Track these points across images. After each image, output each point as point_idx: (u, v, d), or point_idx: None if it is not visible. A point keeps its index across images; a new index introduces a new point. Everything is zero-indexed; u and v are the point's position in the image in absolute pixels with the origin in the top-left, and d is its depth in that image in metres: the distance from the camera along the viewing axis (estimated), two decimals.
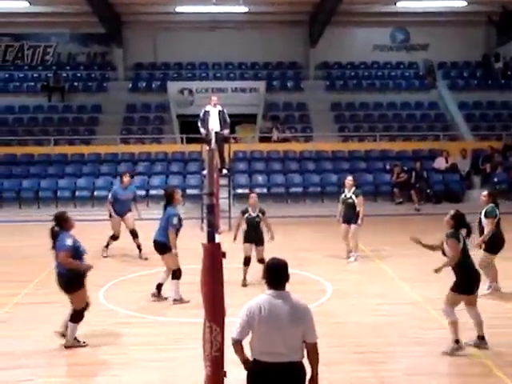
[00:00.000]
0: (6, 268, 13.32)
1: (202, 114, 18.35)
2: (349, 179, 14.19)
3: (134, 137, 26.07)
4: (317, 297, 10.75)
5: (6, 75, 29.26)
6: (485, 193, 11.40)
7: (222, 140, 18.12)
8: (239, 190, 22.06)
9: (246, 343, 5.23)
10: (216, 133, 17.40)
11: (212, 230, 5.96)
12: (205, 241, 5.83)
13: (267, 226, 11.91)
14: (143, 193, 21.23)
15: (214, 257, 5.84)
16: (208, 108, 18.34)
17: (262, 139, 26.40)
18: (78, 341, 8.56)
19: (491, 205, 11.00)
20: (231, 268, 11.29)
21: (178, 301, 10.59)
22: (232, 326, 5.28)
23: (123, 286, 11.99)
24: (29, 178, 23.02)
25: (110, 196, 15.00)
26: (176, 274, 10.66)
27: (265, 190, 22.66)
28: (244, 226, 11.94)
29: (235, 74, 29.22)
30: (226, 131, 18.48)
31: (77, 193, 22.26)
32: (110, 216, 14.77)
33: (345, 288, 11.62)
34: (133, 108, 27.84)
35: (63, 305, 8.82)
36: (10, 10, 26.41)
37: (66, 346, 8.49)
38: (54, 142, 24.80)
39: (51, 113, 27.50)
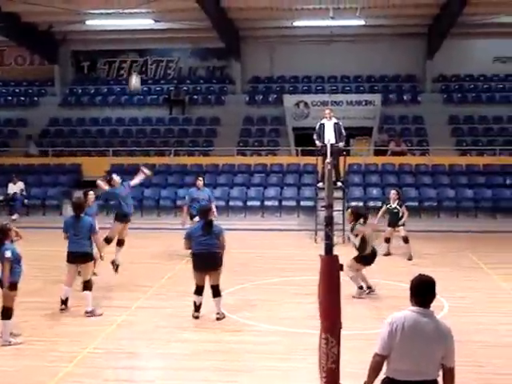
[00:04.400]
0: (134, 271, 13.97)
1: (317, 127, 18.56)
2: (393, 192, 16.29)
3: (250, 149, 26.57)
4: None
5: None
6: None
7: (337, 152, 18.20)
8: (353, 203, 22.01)
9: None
10: (331, 145, 17.50)
11: (329, 242, 6.08)
12: (322, 253, 5.97)
13: None
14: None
15: (331, 269, 5.98)
16: (323, 121, 18.52)
17: (377, 152, 26.25)
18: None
19: None
20: (346, 280, 11.52)
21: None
22: (348, 338, 5.28)
23: (240, 293, 12.22)
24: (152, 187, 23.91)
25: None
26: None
27: (379, 204, 22.51)
28: None
29: (351, 87, 29.20)
30: (342, 144, 18.57)
31: None
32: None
33: (463, 305, 11.37)
34: (249, 120, 28.42)
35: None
36: (135, 26, 27.67)
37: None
38: (174, 152, 25.71)
39: (172, 125, 28.54)
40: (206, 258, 10.12)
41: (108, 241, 13.45)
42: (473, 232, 20.05)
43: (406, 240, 15.95)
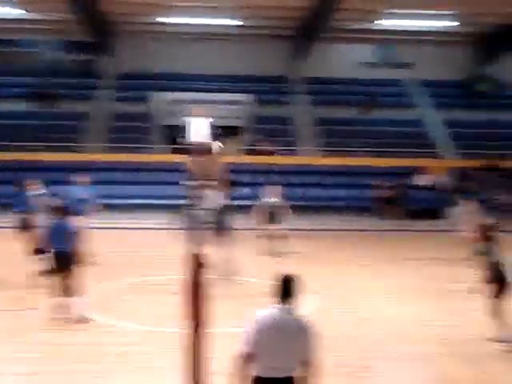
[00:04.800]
0: None
1: (187, 125, 18.40)
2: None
3: (119, 145, 26.05)
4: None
5: None
6: None
7: (208, 152, 18.16)
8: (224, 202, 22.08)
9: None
10: (202, 144, 17.47)
11: (195, 240, 6.05)
12: (187, 251, 5.92)
13: None
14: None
15: (196, 267, 5.95)
16: (193, 119, 18.40)
17: (248, 152, 26.54)
18: None
19: None
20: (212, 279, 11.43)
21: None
22: (215, 336, 5.23)
23: (104, 293, 11.96)
24: None
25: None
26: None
27: (248, 203, 22.81)
28: None
29: (223, 87, 29.34)
30: (214, 143, 18.52)
31: None
32: None
33: (326, 300, 11.69)
34: (119, 117, 27.86)
35: None
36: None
37: None
38: (38, 148, 24.78)
39: (36, 119, 27.37)
40: (60, 257, 9.88)
41: None
42: (342, 230, 20.76)
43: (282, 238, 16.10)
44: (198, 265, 5.92)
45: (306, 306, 10.74)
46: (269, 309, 5.07)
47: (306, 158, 25.75)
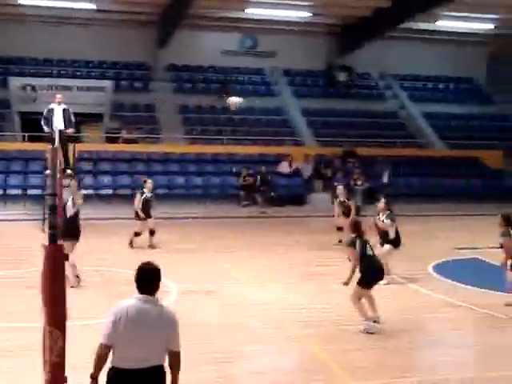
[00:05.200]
0: None
1: (45, 112, 17.68)
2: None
3: None
4: (163, 298, 10.74)
5: None
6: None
7: (66, 139, 17.60)
8: (83, 191, 21.50)
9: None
10: (60, 131, 16.90)
11: (54, 231, 5.79)
12: (46, 242, 5.65)
13: None
14: None
15: (55, 259, 5.69)
16: (52, 106, 17.72)
17: (109, 140, 25.94)
18: None
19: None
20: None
21: None
22: (76, 329, 5.09)
23: None
24: None
25: None
26: None
27: (110, 192, 22.37)
28: None
29: (81, 72, 28.45)
30: (71, 130, 17.95)
31: None
32: None
33: (191, 289, 11.64)
34: None
35: None
36: None
37: None
38: None
39: None
40: None
41: None
42: (203, 218, 20.80)
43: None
44: (55, 256, 5.66)
45: (168, 295, 10.79)
46: (128, 299, 5.00)
47: (169, 146, 25.53)
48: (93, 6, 26.24)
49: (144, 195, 15.86)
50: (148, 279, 5.01)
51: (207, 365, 7.94)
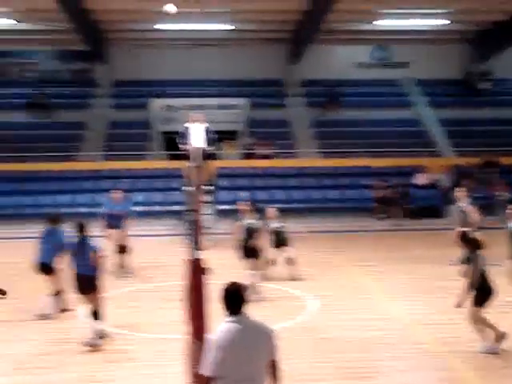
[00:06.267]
0: None
1: (181, 131, 18.34)
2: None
3: (117, 153, 25.94)
4: (300, 312, 10.84)
5: None
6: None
7: (206, 156, 18.13)
8: (223, 207, 22.13)
9: None
10: (200, 149, 17.44)
11: (195, 246, 6.03)
12: (187, 257, 5.89)
13: None
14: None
15: (197, 273, 5.92)
16: (189, 125, 18.33)
17: (245, 156, 26.58)
18: None
19: None
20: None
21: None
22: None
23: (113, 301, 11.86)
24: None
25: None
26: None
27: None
28: None
29: (218, 91, 29.33)
30: (211, 148, 18.48)
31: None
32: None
33: (327, 302, 11.65)
34: (115, 125, 27.86)
35: None
36: None
37: None
38: (36, 158, 24.77)
39: (34, 129, 27.41)
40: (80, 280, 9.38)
41: None
42: (342, 232, 20.75)
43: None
44: (198, 270, 5.90)
45: (304, 309, 10.86)
46: (223, 325, 4.89)
47: (304, 161, 25.76)
48: (230, 27, 27.06)
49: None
50: (237, 299, 4.91)
51: (344, 379, 7.92)
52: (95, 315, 9.29)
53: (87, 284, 9.28)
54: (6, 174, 24.32)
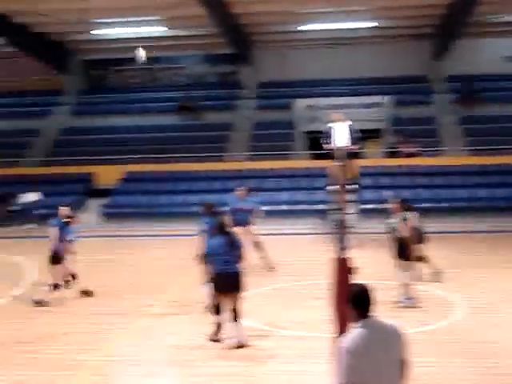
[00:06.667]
0: None
1: (326, 130, 18.45)
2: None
3: (262, 154, 26.41)
4: (449, 314, 10.63)
5: (141, 97, 30.76)
6: None
7: (349, 155, 18.11)
8: (366, 206, 22.01)
9: None
10: (344, 148, 17.44)
11: (342, 245, 6.12)
12: (333, 256, 5.98)
13: None
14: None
15: (343, 272, 6.01)
16: (332, 124, 18.39)
17: (389, 154, 26.26)
18: None
19: None
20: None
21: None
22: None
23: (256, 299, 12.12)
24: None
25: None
26: None
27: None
28: None
29: (361, 90, 29.10)
30: (354, 146, 18.42)
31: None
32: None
33: (479, 305, 11.28)
34: (261, 125, 28.42)
35: None
36: (145, 34, 27.73)
37: None
38: (185, 159, 25.83)
39: (183, 131, 28.55)
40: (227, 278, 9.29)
41: None
42: (486, 232, 20.01)
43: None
44: (344, 269, 5.98)
45: (456, 312, 10.59)
46: (354, 330, 4.71)
47: (450, 159, 25.05)
48: (374, 24, 26.86)
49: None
50: (367, 300, 4.75)
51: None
52: (237, 314, 9.31)
53: (235, 282, 9.27)
54: (156, 175, 25.52)
